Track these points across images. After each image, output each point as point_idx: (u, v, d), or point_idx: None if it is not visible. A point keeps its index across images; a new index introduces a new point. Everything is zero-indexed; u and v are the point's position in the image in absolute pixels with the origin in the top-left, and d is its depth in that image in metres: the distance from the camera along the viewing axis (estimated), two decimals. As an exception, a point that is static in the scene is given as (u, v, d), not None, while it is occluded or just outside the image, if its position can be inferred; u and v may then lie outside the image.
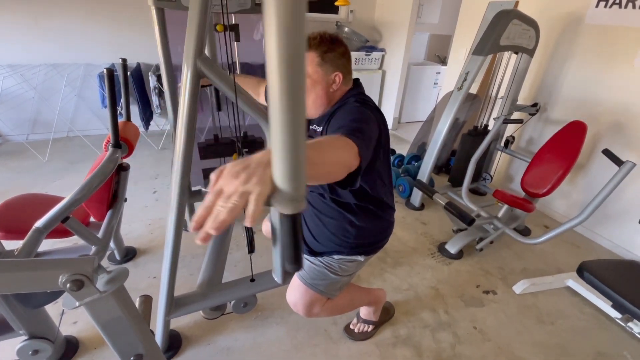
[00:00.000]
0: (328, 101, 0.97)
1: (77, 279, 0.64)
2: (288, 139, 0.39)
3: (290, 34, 0.34)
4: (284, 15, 0.33)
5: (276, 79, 0.36)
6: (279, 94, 0.37)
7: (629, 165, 1.47)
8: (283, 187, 0.42)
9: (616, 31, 1.95)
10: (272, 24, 0.34)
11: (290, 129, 0.39)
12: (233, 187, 0.40)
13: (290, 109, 0.38)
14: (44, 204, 1.38)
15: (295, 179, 0.42)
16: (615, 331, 1.52)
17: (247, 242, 1.14)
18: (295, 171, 0.41)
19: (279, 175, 0.41)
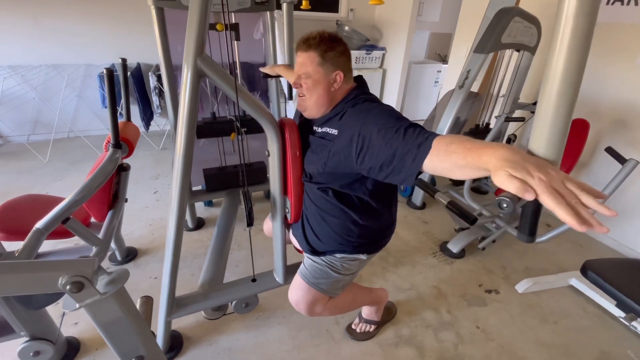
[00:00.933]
0: (330, 101, 0.96)
1: (77, 280, 0.64)
2: (564, 114, 0.45)
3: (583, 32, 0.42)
4: (579, 20, 0.42)
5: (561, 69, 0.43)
6: (559, 85, 0.44)
7: (632, 163, 1.46)
8: (553, 159, 0.49)
9: (618, 28, 1.94)
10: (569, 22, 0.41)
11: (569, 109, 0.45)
12: (559, 180, 0.45)
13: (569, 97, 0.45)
14: (44, 205, 1.38)
15: (562, 149, 0.49)
16: (619, 330, 1.51)
17: (246, 213, 1.12)
18: (563, 142, 0.48)
19: (551, 150, 0.48)
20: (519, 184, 0.44)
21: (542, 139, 0.47)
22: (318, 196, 1.03)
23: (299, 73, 0.96)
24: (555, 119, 0.46)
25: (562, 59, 0.42)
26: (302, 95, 0.98)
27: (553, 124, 0.46)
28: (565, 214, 0.42)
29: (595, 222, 0.42)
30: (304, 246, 1.12)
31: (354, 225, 1.02)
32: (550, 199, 0.43)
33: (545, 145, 0.47)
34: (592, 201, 0.43)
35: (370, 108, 0.89)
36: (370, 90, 1.03)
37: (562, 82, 0.44)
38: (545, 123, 0.46)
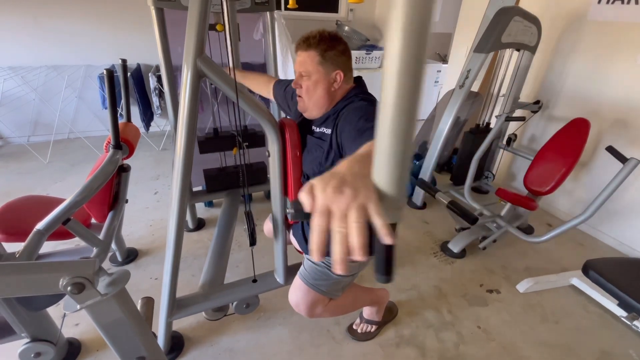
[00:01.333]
0: (330, 100, 0.96)
1: (78, 281, 0.64)
2: (399, 143, 0.37)
3: (412, 49, 0.34)
4: (409, 33, 0.34)
5: (391, 85, 0.36)
6: (392, 99, 0.37)
7: (633, 162, 1.45)
8: (392, 195, 0.40)
9: (619, 27, 1.94)
10: (394, 40, 0.34)
11: (403, 137, 0.37)
12: (344, 204, 0.37)
13: (405, 112, 0.37)
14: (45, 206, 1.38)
15: (402, 184, 0.40)
16: (620, 330, 1.51)
17: (249, 234, 1.13)
18: (402, 176, 0.39)
19: (389, 184, 0.39)
20: (306, 192, 0.38)
21: (381, 170, 0.40)
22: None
23: (299, 72, 0.95)
24: (391, 150, 0.39)
25: (393, 88, 0.37)
26: (301, 96, 0.98)
27: (389, 154, 0.39)
28: (312, 235, 0.37)
29: (339, 256, 0.37)
30: (304, 247, 1.12)
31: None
32: (315, 215, 0.37)
33: (382, 178, 0.41)
34: (354, 235, 0.36)
35: (356, 106, 0.89)
36: (370, 90, 1.03)
37: (396, 110, 0.38)
38: (383, 155, 0.40)
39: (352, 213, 0.36)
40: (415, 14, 0.33)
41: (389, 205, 0.39)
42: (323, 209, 0.37)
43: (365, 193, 0.38)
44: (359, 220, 0.36)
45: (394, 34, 0.34)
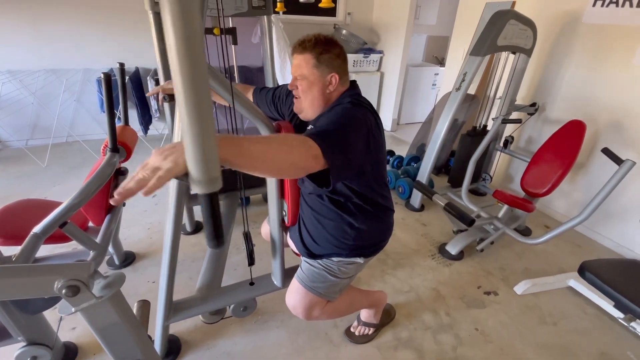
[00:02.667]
0: (325, 102, 0.97)
1: (72, 284, 0.64)
2: (194, 129, 0.45)
3: (185, 32, 0.40)
4: (179, 14, 0.39)
5: (179, 75, 0.43)
6: (182, 88, 0.43)
7: (628, 164, 1.46)
8: (193, 171, 0.49)
9: (614, 30, 1.95)
10: (169, 26, 0.40)
11: (194, 120, 0.45)
12: (152, 162, 0.52)
13: (194, 100, 0.44)
14: (42, 210, 1.38)
15: (204, 163, 0.48)
16: (618, 331, 1.51)
17: (247, 254, 1.14)
18: (202, 157, 0.48)
19: (189, 159, 0.48)
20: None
21: (188, 154, 0.49)
22: (314, 200, 1.03)
23: (295, 75, 0.96)
24: (193, 141, 0.48)
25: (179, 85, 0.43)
26: (297, 97, 0.99)
27: (192, 145, 0.48)
28: (128, 182, 0.51)
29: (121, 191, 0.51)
30: (301, 249, 1.12)
31: (350, 228, 1.02)
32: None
33: (190, 161, 0.50)
34: (133, 181, 0.51)
35: (338, 111, 0.90)
36: (368, 93, 1.04)
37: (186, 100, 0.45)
38: (187, 143, 0.48)
39: (147, 169, 0.51)
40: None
41: (194, 179, 0.50)
42: (145, 162, 0.53)
43: (170, 161, 0.51)
44: (144, 175, 0.51)
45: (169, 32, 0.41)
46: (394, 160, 2.99)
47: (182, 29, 0.40)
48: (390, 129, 4.13)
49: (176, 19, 0.39)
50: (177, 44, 0.41)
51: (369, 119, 0.89)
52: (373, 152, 0.91)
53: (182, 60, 0.42)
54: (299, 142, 0.70)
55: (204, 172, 0.50)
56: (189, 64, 0.43)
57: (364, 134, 0.85)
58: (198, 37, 0.42)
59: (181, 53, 0.42)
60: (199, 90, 0.44)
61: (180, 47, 0.41)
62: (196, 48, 0.42)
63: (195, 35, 0.41)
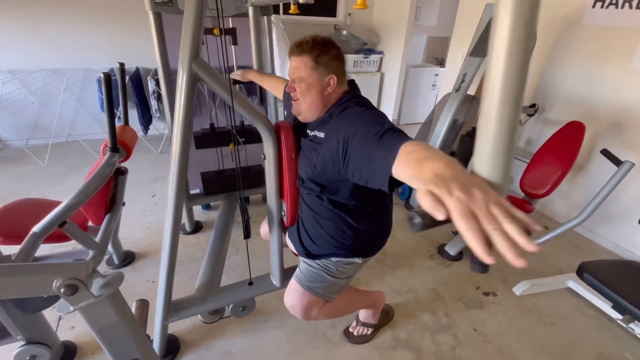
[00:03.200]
0: (324, 104, 0.97)
1: (71, 283, 0.64)
2: (506, 133, 0.40)
3: (519, 42, 0.36)
4: (516, 28, 0.35)
5: (498, 77, 0.38)
6: (498, 92, 0.39)
7: (627, 165, 1.47)
8: (497, 182, 0.43)
9: (613, 31, 1.96)
10: (503, 35, 0.36)
11: (510, 122, 0.40)
12: (483, 203, 0.38)
13: (510, 103, 0.39)
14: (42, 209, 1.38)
15: (509, 171, 0.43)
16: (616, 332, 1.51)
17: (243, 226, 1.12)
18: (509, 164, 0.42)
19: (493, 171, 0.42)
20: (432, 200, 0.40)
21: (485, 158, 0.42)
22: (313, 200, 1.03)
23: (293, 77, 0.96)
24: (496, 140, 0.41)
25: (500, 71, 0.37)
26: (295, 99, 0.99)
27: (495, 143, 0.41)
28: (471, 240, 0.38)
29: (512, 254, 0.38)
30: (299, 249, 1.13)
31: (349, 228, 1.03)
32: (461, 220, 0.38)
33: (487, 166, 0.42)
34: (513, 230, 0.38)
35: (357, 112, 0.89)
36: (368, 93, 1.04)
37: (503, 97, 0.39)
38: (487, 142, 0.41)
39: (495, 210, 0.38)
40: (523, 11, 0.35)
41: (498, 192, 0.41)
42: (466, 212, 0.38)
43: (487, 189, 0.40)
44: (505, 215, 0.38)
45: (503, 30, 0.36)
46: (393, 161, 2.99)
47: (522, 35, 0.36)
48: (390, 129, 4.12)
49: (519, 26, 0.35)
50: (510, 51, 0.37)
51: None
52: None
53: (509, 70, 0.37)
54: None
55: (506, 184, 0.45)
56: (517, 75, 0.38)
57: None
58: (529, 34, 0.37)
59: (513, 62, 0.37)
60: (518, 98, 0.39)
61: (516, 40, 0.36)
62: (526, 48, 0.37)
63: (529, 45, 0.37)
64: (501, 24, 0.36)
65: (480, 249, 0.38)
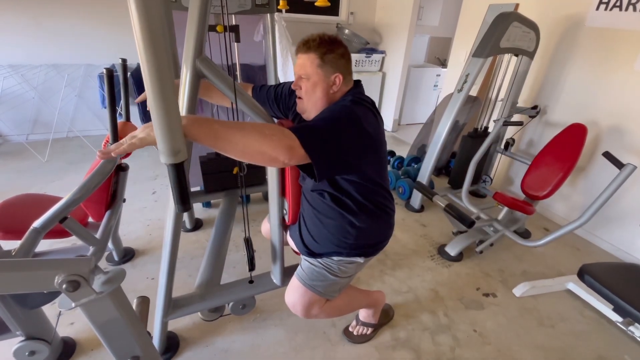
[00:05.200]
0: (328, 103, 0.97)
1: (73, 279, 0.64)
2: (158, 107, 0.56)
3: (148, 24, 0.50)
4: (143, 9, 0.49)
5: (145, 63, 0.53)
6: (148, 72, 0.54)
7: (629, 168, 1.46)
8: (159, 142, 0.60)
9: (617, 34, 1.95)
10: (133, 12, 0.49)
11: (158, 99, 0.56)
12: (134, 132, 0.65)
13: (157, 82, 0.55)
14: (42, 204, 1.38)
15: (167, 136, 0.59)
16: (616, 335, 1.52)
17: (248, 260, 1.14)
18: (166, 131, 0.59)
19: (156, 133, 0.60)
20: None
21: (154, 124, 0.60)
22: (315, 198, 1.03)
23: (299, 74, 0.96)
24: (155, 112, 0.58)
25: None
26: (300, 98, 0.98)
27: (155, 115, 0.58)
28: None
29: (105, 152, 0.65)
30: (301, 248, 1.12)
31: (351, 227, 1.02)
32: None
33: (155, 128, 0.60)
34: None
35: (334, 108, 0.90)
36: (369, 93, 1.03)
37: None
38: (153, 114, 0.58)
39: (128, 138, 0.65)
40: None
41: (160, 150, 0.61)
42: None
43: (142, 134, 0.64)
44: (123, 142, 0.65)
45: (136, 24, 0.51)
46: (394, 161, 2.99)
47: (144, 15, 0.49)
48: (391, 129, 4.13)
49: (139, 6, 0.49)
50: (140, 29, 0.50)
51: (368, 117, 0.89)
52: (371, 150, 0.91)
53: (146, 47, 0.52)
54: (274, 132, 0.73)
55: (167, 144, 0.60)
56: (152, 51, 0.52)
57: (358, 131, 0.84)
58: (158, 25, 0.51)
59: (145, 40, 0.51)
60: (161, 72, 0.54)
61: (144, 33, 0.51)
62: (157, 37, 0.52)
63: (155, 23, 0.51)
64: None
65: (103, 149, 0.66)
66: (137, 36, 0.51)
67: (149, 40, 0.51)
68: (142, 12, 0.49)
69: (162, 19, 0.52)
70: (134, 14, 0.50)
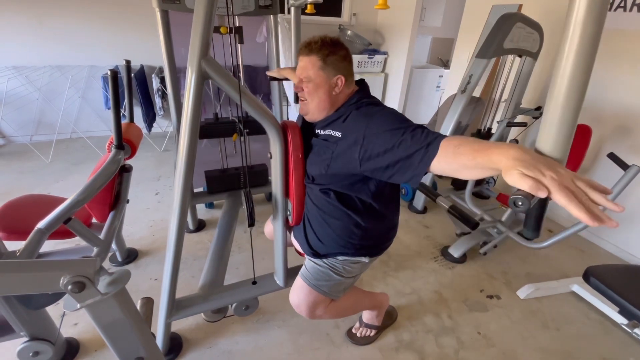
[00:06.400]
0: (331, 104, 0.97)
1: (78, 280, 0.64)
2: (570, 115, 0.51)
3: (588, 38, 0.48)
4: (587, 27, 0.46)
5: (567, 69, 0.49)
6: (568, 82, 0.50)
7: (634, 170, 1.45)
8: (557, 157, 0.55)
9: (621, 35, 1.94)
10: (576, 30, 0.47)
11: (575, 105, 0.51)
12: (570, 179, 0.48)
13: (577, 88, 0.50)
14: (46, 205, 1.38)
15: (568, 146, 0.56)
16: (621, 337, 1.50)
17: (247, 213, 1.11)
18: (569, 140, 0.55)
19: (555, 148, 0.54)
20: (532, 182, 0.47)
21: (550, 138, 0.53)
22: (320, 198, 1.03)
23: (301, 77, 0.96)
24: (562, 120, 0.51)
25: (570, 62, 0.50)
26: (303, 99, 0.98)
27: (560, 124, 0.51)
28: (578, 211, 0.44)
29: (605, 217, 0.44)
30: (306, 249, 1.12)
31: (356, 227, 1.02)
32: (563, 196, 0.45)
33: (552, 145, 0.53)
34: (601, 198, 0.46)
35: (374, 111, 0.89)
36: (372, 94, 1.03)
37: (570, 85, 0.48)
38: (552, 124, 0.51)
39: (580, 183, 0.47)
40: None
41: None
42: (562, 187, 0.47)
43: (562, 166, 0.51)
44: (589, 186, 0.47)
45: (574, 22, 0.47)
46: (397, 162, 2.98)
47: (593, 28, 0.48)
48: (394, 130, 4.12)
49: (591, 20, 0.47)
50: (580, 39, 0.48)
51: None
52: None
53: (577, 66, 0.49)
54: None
55: (564, 158, 0.57)
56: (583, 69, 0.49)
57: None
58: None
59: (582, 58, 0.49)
60: (584, 84, 0.51)
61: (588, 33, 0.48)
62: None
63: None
64: (575, 25, 0.47)
65: (588, 217, 0.44)
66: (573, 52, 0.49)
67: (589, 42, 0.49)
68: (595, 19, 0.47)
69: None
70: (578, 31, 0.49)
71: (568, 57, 0.47)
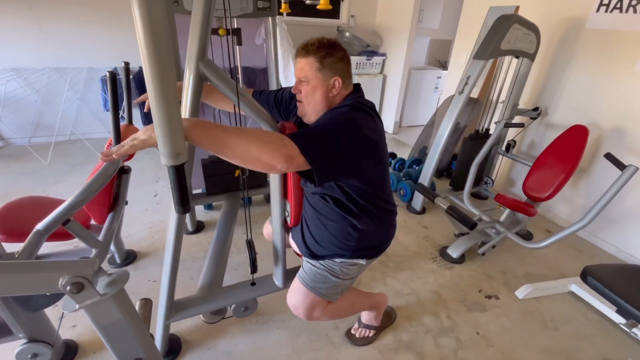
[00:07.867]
0: (328, 106, 0.97)
1: (77, 281, 0.64)
2: (159, 110, 0.58)
3: (150, 22, 0.51)
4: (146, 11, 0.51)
5: (147, 64, 0.55)
6: (150, 76, 0.56)
7: (631, 169, 1.46)
8: (159, 144, 0.62)
9: (617, 36, 1.96)
10: (137, 18, 0.51)
11: (160, 103, 0.58)
12: (135, 134, 0.66)
13: (159, 86, 0.56)
14: (45, 207, 1.38)
15: (168, 139, 0.61)
16: (619, 337, 1.51)
17: (250, 262, 1.14)
18: (166, 133, 0.60)
19: (157, 135, 0.61)
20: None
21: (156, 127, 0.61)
22: (317, 200, 1.03)
23: (298, 78, 0.97)
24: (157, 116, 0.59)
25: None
26: (300, 101, 0.99)
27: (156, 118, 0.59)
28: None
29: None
30: (303, 250, 1.12)
31: (353, 229, 1.02)
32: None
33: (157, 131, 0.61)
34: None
35: (332, 115, 0.91)
36: (370, 95, 1.04)
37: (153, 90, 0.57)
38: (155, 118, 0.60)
39: (129, 140, 0.66)
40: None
41: (161, 152, 0.62)
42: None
43: (143, 136, 0.65)
44: (125, 143, 0.65)
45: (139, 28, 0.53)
46: (395, 163, 2.99)
47: (147, 17, 0.51)
48: (392, 131, 4.13)
49: (143, 11, 0.50)
50: (143, 31, 0.52)
51: (368, 122, 0.90)
52: (372, 155, 0.91)
53: (148, 49, 0.53)
54: (274, 140, 0.74)
55: (168, 146, 0.62)
56: (155, 52, 0.54)
57: (357, 137, 0.85)
58: (160, 27, 0.53)
59: (147, 41, 0.53)
60: (163, 74, 0.56)
61: (146, 35, 0.52)
62: (159, 38, 0.54)
63: (158, 25, 0.53)
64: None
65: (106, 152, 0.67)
66: (140, 37, 0.52)
67: (151, 42, 0.53)
68: (145, 15, 0.51)
69: (164, 21, 0.53)
70: (137, 17, 0.51)
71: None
